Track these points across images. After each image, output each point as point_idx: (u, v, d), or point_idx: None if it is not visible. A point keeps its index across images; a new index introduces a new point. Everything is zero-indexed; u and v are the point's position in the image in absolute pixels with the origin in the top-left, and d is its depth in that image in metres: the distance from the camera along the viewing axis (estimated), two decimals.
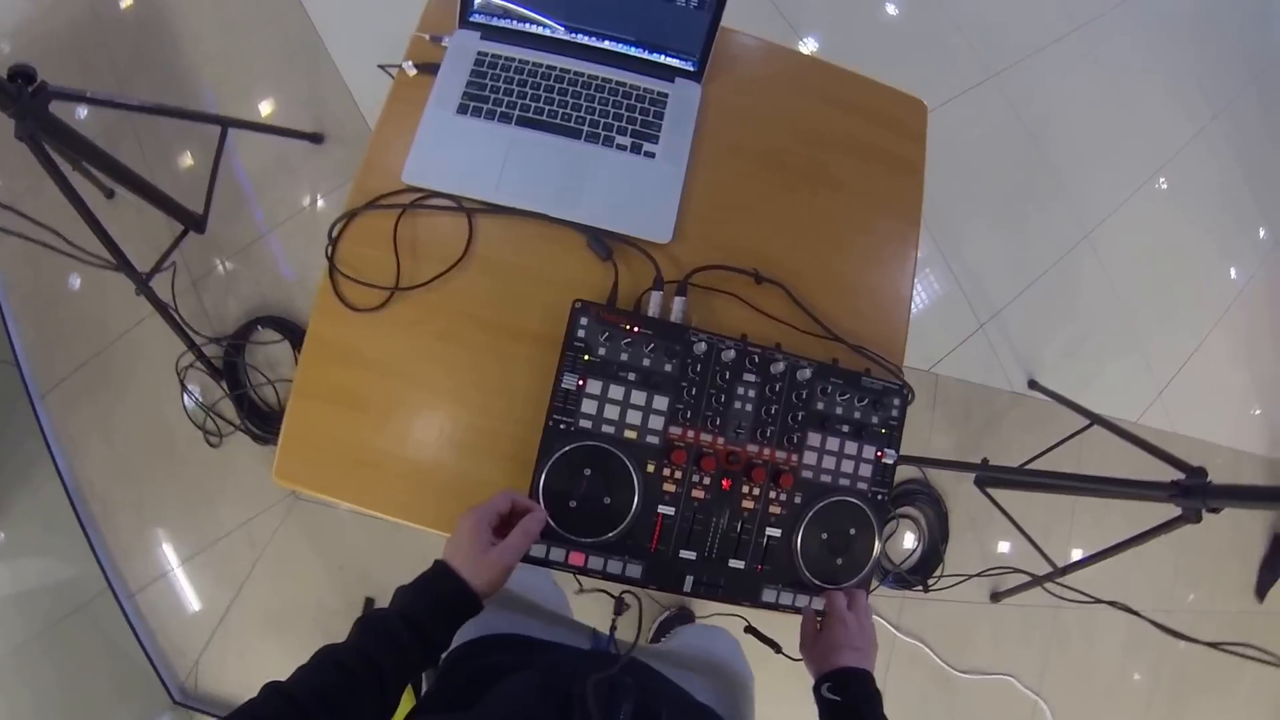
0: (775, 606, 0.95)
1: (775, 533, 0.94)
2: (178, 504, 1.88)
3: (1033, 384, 2.33)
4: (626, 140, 1.04)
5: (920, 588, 2.13)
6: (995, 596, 2.22)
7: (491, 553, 0.76)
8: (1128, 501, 1.51)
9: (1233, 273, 2.75)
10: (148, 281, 1.35)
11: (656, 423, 0.93)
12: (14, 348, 1.87)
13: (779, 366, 0.97)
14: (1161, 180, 2.67)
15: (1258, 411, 2.70)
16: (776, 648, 0.98)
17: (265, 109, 2.04)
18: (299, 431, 0.93)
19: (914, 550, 2.20)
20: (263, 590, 1.87)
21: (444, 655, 0.92)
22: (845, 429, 0.99)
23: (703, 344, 0.95)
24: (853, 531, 0.97)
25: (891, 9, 2.52)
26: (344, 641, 0.69)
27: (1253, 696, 2.59)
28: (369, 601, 1.87)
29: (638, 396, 0.94)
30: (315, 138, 1.92)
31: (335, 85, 2.04)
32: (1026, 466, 1.81)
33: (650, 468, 0.92)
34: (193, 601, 1.86)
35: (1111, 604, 1.53)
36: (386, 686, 0.67)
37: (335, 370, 0.95)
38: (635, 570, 0.91)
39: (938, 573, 2.14)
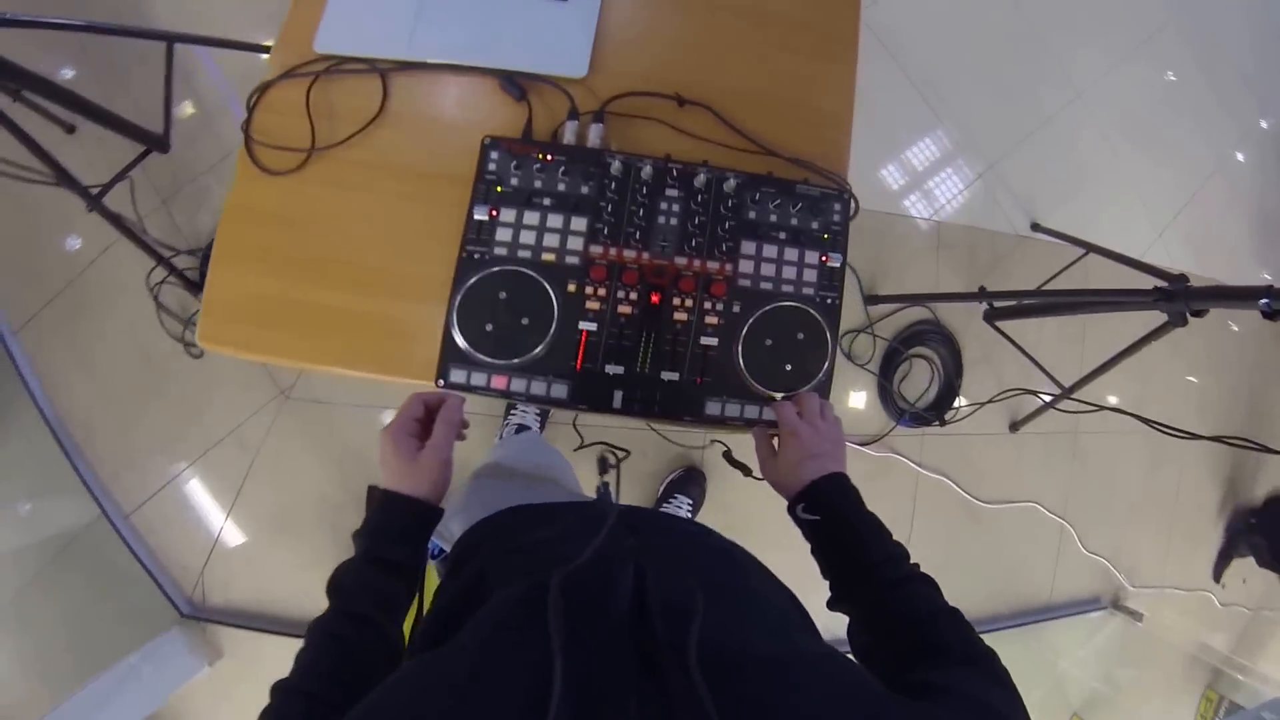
0: (722, 420, 0.89)
1: (712, 342, 0.89)
2: (165, 420, 1.88)
3: (1035, 226, 2.31)
4: None
5: (938, 423, 2.12)
6: (1014, 426, 2.22)
7: (421, 456, 0.74)
8: (1133, 324, 1.49)
9: (1229, 121, 2.69)
10: (100, 198, 1.37)
11: (575, 244, 0.90)
12: None
13: (701, 179, 0.92)
14: (1153, 45, 2.58)
15: (1256, 250, 2.67)
16: (746, 470, 0.92)
17: (231, 27, 1.93)
18: (221, 296, 0.93)
19: (928, 388, 2.17)
20: (261, 493, 1.87)
21: (449, 553, 0.91)
22: (782, 235, 0.93)
23: (618, 163, 0.92)
24: (801, 336, 0.91)
25: None
26: (327, 610, 0.68)
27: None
28: (371, 489, 1.83)
29: (554, 220, 0.91)
30: (266, 49, 1.75)
31: None
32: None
33: (571, 288, 0.89)
34: (191, 514, 1.87)
35: (1115, 410, 1.47)
36: (386, 629, 0.66)
37: (257, 232, 0.95)
38: (561, 390, 0.88)
39: (954, 407, 2.14)
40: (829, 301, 0.92)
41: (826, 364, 0.91)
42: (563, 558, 0.54)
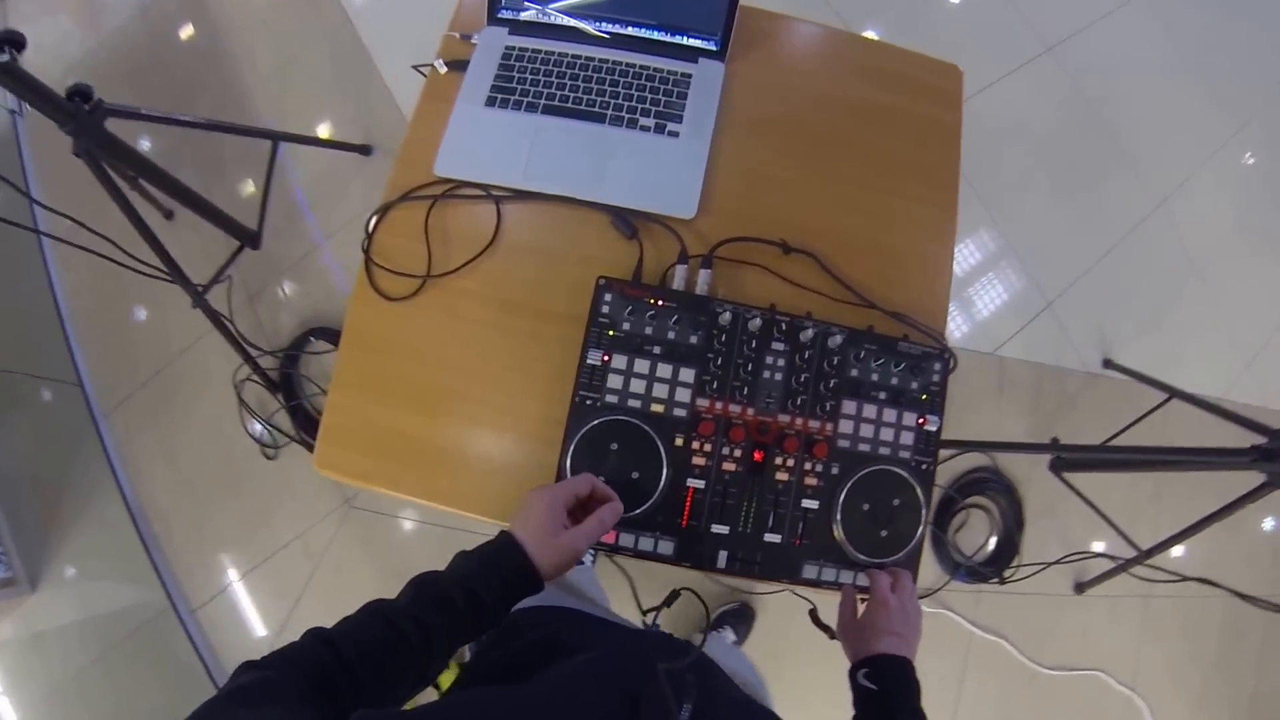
0: (817, 583, 0.88)
1: (812, 504, 0.88)
2: (237, 519, 1.90)
3: (1108, 363, 2.12)
4: (650, 121, 1.01)
5: (996, 580, 1.97)
6: (1079, 587, 2.03)
7: (564, 536, 0.72)
8: (1218, 479, 1.34)
9: None
10: (204, 294, 1.39)
11: (683, 395, 0.89)
12: (78, 369, 1.93)
13: (808, 333, 0.91)
14: (1239, 145, 2.40)
15: None
16: (831, 634, 0.91)
17: (317, 124, 2.08)
18: (338, 420, 0.94)
19: (986, 540, 2.03)
20: (321, 600, 1.87)
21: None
22: (883, 396, 0.92)
23: (727, 314, 0.91)
24: (896, 502, 0.90)
25: None
26: (396, 599, 0.66)
27: None
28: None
29: (663, 370, 0.90)
30: (364, 149, 1.94)
31: (383, 97, 2.07)
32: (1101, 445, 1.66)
33: (678, 441, 0.88)
34: (253, 615, 1.88)
35: (1200, 580, 1.38)
36: (434, 652, 0.64)
37: (372, 359, 0.95)
38: (667, 547, 0.87)
39: (1014, 563, 1.97)
40: (924, 467, 0.92)
41: (920, 530, 0.90)
42: (644, 663, 0.56)
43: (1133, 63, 2.40)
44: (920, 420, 0.92)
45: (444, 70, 1.05)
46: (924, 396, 0.93)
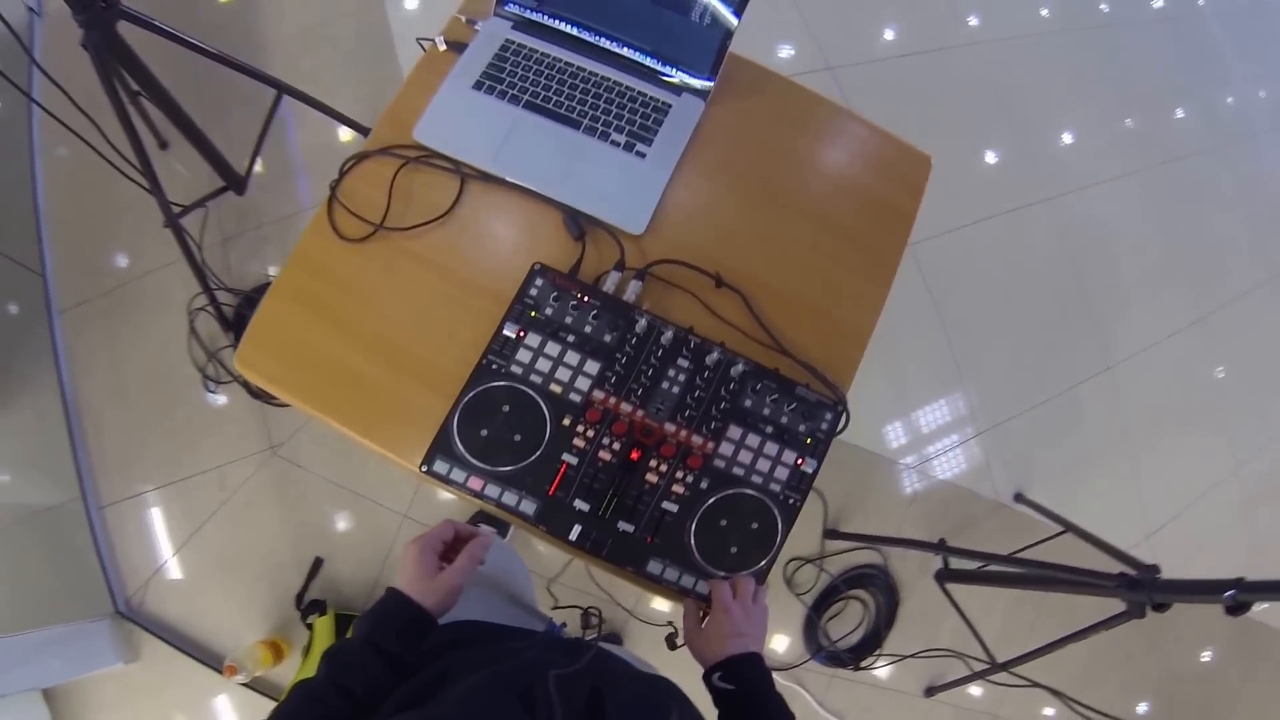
0: (659, 580, 0.91)
1: (672, 508, 0.92)
2: (163, 436, 1.92)
3: (1019, 497, 2.20)
4: (621, 138, 1.08)
5: (852, 666, 2.02)
6: (930, 691, 2.06)
7: (440, 577, 0.77)
8: (1091, 616, 1.36)
9: (1249, 435, 2.53)
10: (179, 217, 1.43)
11: (583, 384, 0.94)
12: (44, 261, 1.95)
13: (713, 357, 0.97)
14: (1199, 334, 2.53)
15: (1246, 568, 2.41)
16: (671, 643, 0.94)
17: (327, 94, 2.01)
18: (267, 326, 0.98)
19: (854, 629, 2.07)
20: (222, 531, 1.88)
21: None
22: (769, 429, 0.96)
23: (644, 322, 0.97)
24: (755, 526, 0.93)
25: (957, 100, 2.50)
26: (316, 677, 0.71)
27: None
28: (318, 561, 1.87)
29: (571, 357, 0.95)
30: (365, 130, 1.90)
31: (395, 83, 2.02)
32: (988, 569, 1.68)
33: (565, 421, 0.93)
34: (155, 527, 1.88)
35: (1045, 688, 1.40)
36: (363, 707, 0.69)
37: (312, 283, 1.00)
38: (529, 508, 0.91)
39: (874, 654, 2.02)
40: (790, 502, 0.95)
41: (769, 558, 0.93)
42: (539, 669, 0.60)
43: (1118, 232, 2.52)
44: (799, 460, 0.96)
45: (443, 48, 1.12)
46: (809, 440, 0.97)
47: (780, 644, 2.04)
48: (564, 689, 0.58)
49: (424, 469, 0.91)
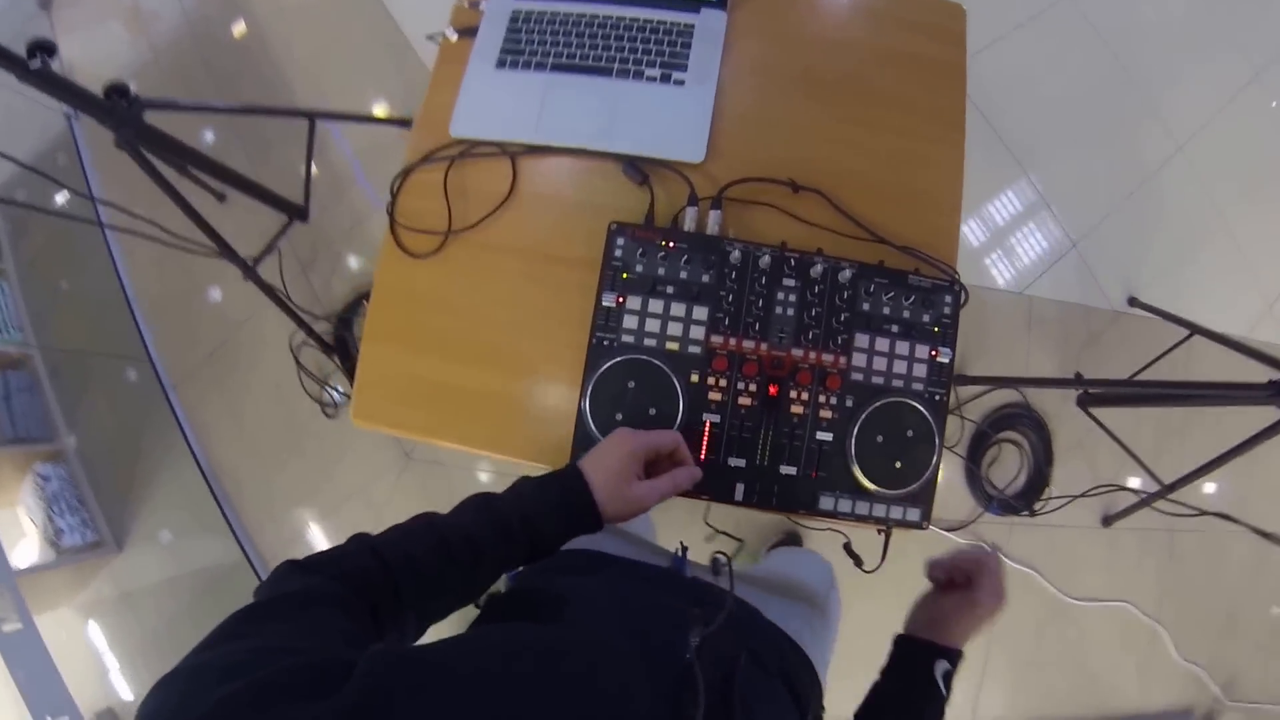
0: (834, 514, 0.86)
1: (827, 437, 0.86)
2: (301, 476, 1.95)
3: (1133, 301, 2.03)
4: (655, 71, 0.98)
5: (1027, 512, 1.92)
6: (1107, 520, 1.97)
7: (637, 487, 0.68)
8: (1243, 416, 1.28)
9: None
10: (254, 267, 1.41)
11: (697, 333, 0.88)
12: (146, 346, 1.99)
13: (818, 269, 0.89)
14: (1260, 89, 2.25)
15: None
16: (859, 561, 0.89)
17: (360, 101, 2.08)
18: (372, 372, 0.94)
19: (1017, 475, 1.98)
20: None
21: None
22: (895, 329, 0.89)
23: (737, 252, 0.89)
24: (910, 434, 0.87)
25: None
26: (451, 515, 0.63)
27: None
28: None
29: (677, 309, 0.88)
30: (403, 123, 1.90)
31: (417, 69, 2.06)
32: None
33: (694, 378, 0.87)
34: None
35: (1219, 515, 1.32)
36: (480, 574, 0.62)
37: (402, 313, 0.95)
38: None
39: (1044, 497, 1.93)
40: (937, 398, 0.89)
41: (934, 462, 0.88)
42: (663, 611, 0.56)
43: (1151, 5, 2.26)
44: (933, 352, 0.89)
45: (454, 38, 1.03)
46: (936, 329, 0.90)
47: (947, 504, 1.97)
48: (706, 654, 0.49)
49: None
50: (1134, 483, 1.80)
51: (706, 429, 0.86)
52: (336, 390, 1.93)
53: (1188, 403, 1.31)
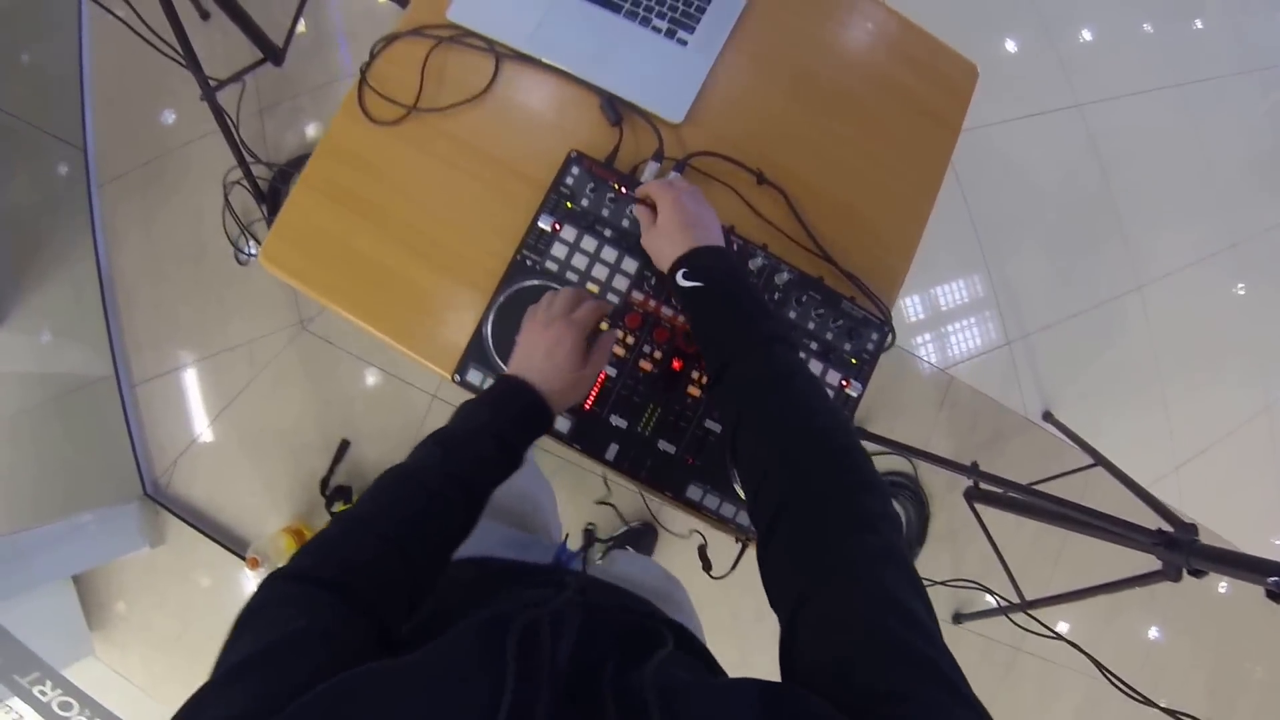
0: (699, 507, 0.83)
1: (714, 428, 0.83)
2: (195, 310, 1.83)
3: (1048, 416, 2.05)
4: (663, 24, 0.94)
5: None
6: (958, 618, 1.98)
7: (584, 372, 0.68)
8: (1118, 563, 1.31)
9: None
10: (215, 90, 1.32)
11: (620, 283, 0.84)
12: (85, 136, 1.84)
13: (758, 262, 0.86)
14: (1231, 258, 2.32)
15: (1275, 520, 2.30)
16: (708, 566, 0.86)
17: None
18: (295, 219, 0.88)
19: None
20: (251, 409, 1.80)
21: None
22: (814, 346, 0.87)
23: None
24: None
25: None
26: (422, 462, 0.59)
27: None
28: (344, 443, 1.78)
29: (608, 254, 0.84)
30: (402, 1, 1.80)
31: None
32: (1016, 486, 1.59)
33: (603, 325, 0.83)
34: (185, 405, 1.81)
35: (1071, 644, 1.32)
36: (475, 503, 0.60)
37: (342, 172, 0.89)
38: (564, 425, 0.82)
39: None
40: None
41: None
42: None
43: (1154, 145, 2.31)
44: (844, 382, 0.87)
45: None
46: (854, 361, 0.88)
47: None
48: (554, 626, 0.45)
49: (456, 379, 0.82)
50: (994, 588, 1.80)
51: (599, 379, 0.82)
52: (255, 240, 1.81)
53: (1075, 526, 1.29)
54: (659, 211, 0.76)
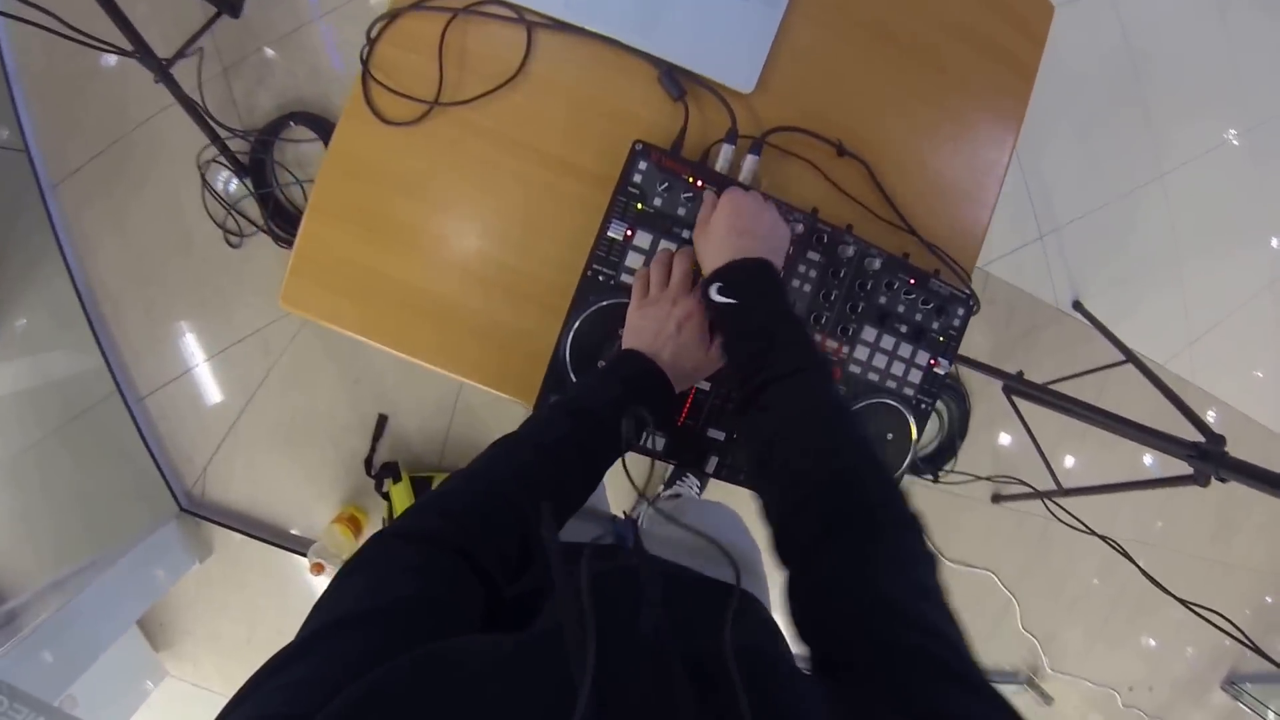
0: None
1: None
2: (193, 306, 1.65)
3: (1077, 305, 2.08)
4: None
5: (930, 477, 2.00)
6: (996, 498, 2.11)
7: (711, 353, 0.67)
8: (1146, 452, 1.35)
9: None
10: (169, 68, 1.12)
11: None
12: (24, 134, 1.56)
13: (848, 250, 0.78)
14: (1247, 141, 2.30)
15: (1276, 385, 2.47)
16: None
17: None
18: (312, 252, 0.76)
19: (932, 441, 2.03)
20: (275, 399, 1.68)
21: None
22: (904, 329, 0.81)
23: None
24: (890, 436, 0.81)
25: None
26: (550, 428, 0.59)
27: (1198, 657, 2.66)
28: (382, 418, 1.68)
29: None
30: None
31: None
32: (1054, 387, 1.60)
33: None
34: (203, 408, 1.68)
35: (1105, 539, 1.40)
36: (594, 477, 0.60)
37: (359, 189, 0.76)
38: (659, 442, 0.76)
39: (949, 466, 2.01)
40: (923, 407, 0.83)
41: (902, 467, 0.83)
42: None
43: (1180, 35, 2.20)
44: (932, 361, 0.82)
45: None
46: (941, 339, 0.83)
47: None
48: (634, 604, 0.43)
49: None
50: (1030, 469, 1.88)
51: (691, 394, 0.76)
52: (244, 218, 1.60)
53: (1117, 432, 1.32)
54: (716, 209, 0.70)
